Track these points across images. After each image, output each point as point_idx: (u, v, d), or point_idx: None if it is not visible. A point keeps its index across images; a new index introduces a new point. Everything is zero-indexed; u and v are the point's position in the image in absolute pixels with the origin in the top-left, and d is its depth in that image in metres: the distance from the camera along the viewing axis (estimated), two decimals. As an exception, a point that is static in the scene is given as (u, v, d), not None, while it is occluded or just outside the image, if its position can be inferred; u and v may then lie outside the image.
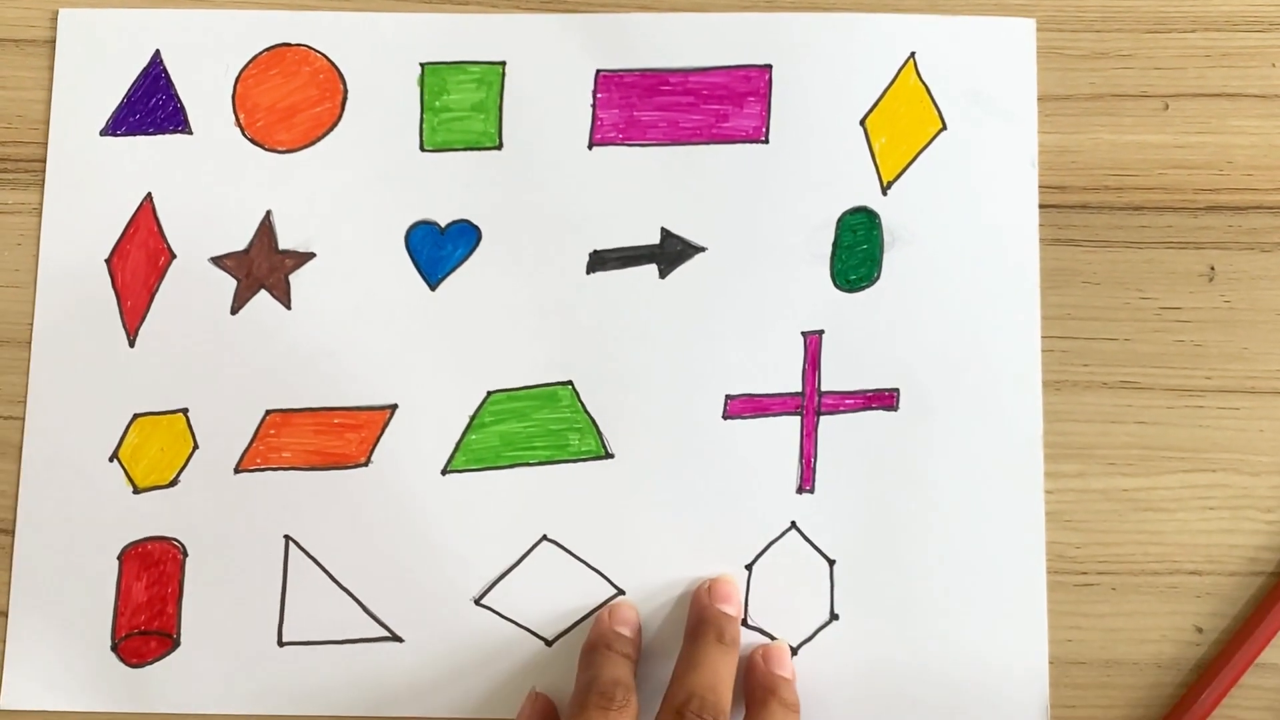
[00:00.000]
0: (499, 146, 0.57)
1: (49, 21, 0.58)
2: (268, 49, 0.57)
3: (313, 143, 0.57)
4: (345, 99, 0.57)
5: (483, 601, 0.54)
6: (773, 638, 0.54)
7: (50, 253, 0.56)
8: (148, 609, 0.54)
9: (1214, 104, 0.57)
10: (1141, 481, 0.55)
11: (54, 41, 0.58)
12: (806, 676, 0.54)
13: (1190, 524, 0.55)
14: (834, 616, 0.54)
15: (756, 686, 0.53)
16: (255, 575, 0.54)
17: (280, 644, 0.54)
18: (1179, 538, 0.55)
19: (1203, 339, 0.56)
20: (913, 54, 0.57)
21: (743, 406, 0.56)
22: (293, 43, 0.57)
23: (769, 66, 0.57)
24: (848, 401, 0.56)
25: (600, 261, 0.56)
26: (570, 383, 0.56)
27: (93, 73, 0.57)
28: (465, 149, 0.57)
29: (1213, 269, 0.57)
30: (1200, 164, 0.57)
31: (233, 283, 0.56)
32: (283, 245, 0.56)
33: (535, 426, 0.55)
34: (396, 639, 0.54)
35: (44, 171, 0.57)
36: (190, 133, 0.57)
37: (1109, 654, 0.54)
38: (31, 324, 0.56)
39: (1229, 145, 0.57)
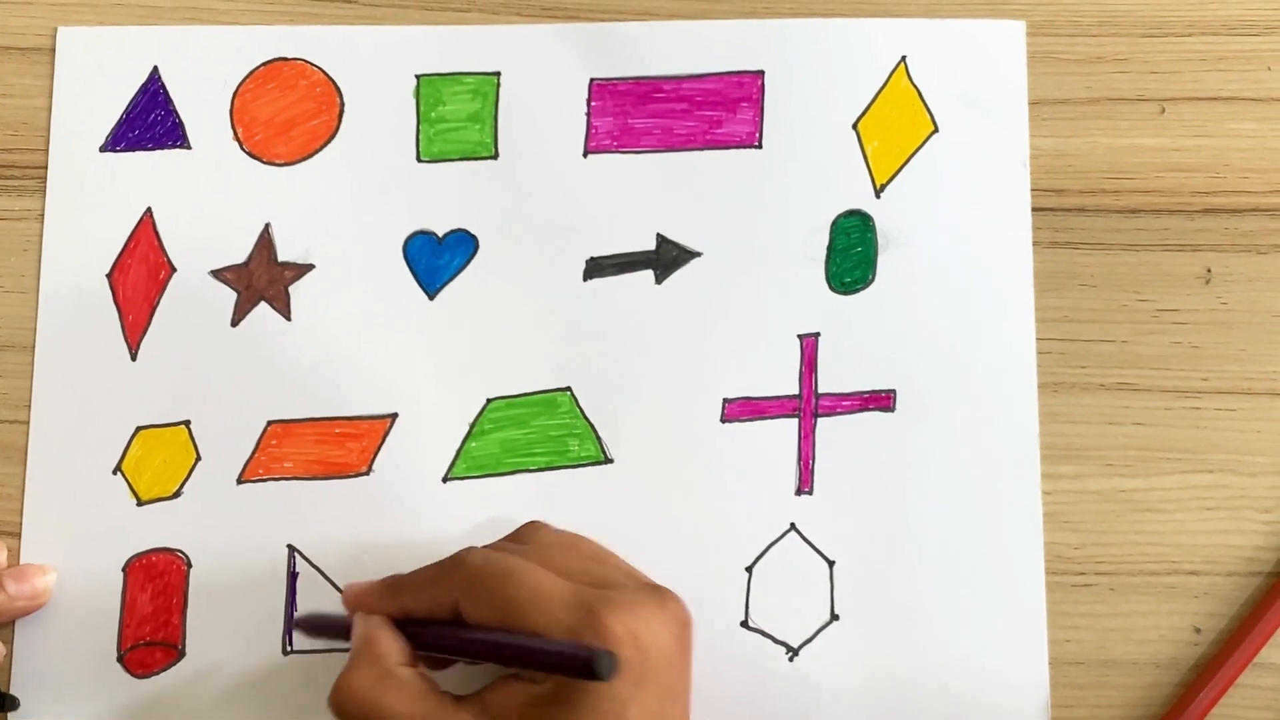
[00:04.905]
0: (495, 156, 0.57)
1: (53, 30, 0.58)
2: (264, 63, 0.58)
3: (310, 155, 0.57)
4: (342, 112, 0.57)
5: (484, 608, 0.55)
6: (773, 639, 0.54)
7: (52, 268, 0.57)
8: (153, 620, 0.54)
9: (1210, 107, 0.57)
10: (1139, 482, 0.55)
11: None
12: (807, 677, 0.54)
13: (1188, 524, 0.55)
14: (834, 617, 0.55)
15: None
16: (259, 585, 0.54)
17: (285, 653, 0.54)
18: (1177, 538, 0.55)
19: (1200, 341, 0.56)
20: (903, 57, 0.57)
21: (740, 409, 0.56)
22: (289, 57, 0.58)
23: (761, 72, 0.57)
24: (845, 403, 0.56)
25: (597, 268, 0.57)
26: (569, 389, 0.56)
27: (92, 90, 0.57)
28: (461, 159, 0.57)
29: (1209, 271, 0.56)
30: (1197, 167, 0.57)
31: (233, 295, 0.56)
32: (282, 257, 0.57)
33: (535, 433, 0.56)
34: (399, 647, 0.54)
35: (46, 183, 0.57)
36: (189, 148, 0.57)
37: (1107, 654, 0.54)
38: (36, 330, 0.56)
39: (1225, 148, 0.57)
